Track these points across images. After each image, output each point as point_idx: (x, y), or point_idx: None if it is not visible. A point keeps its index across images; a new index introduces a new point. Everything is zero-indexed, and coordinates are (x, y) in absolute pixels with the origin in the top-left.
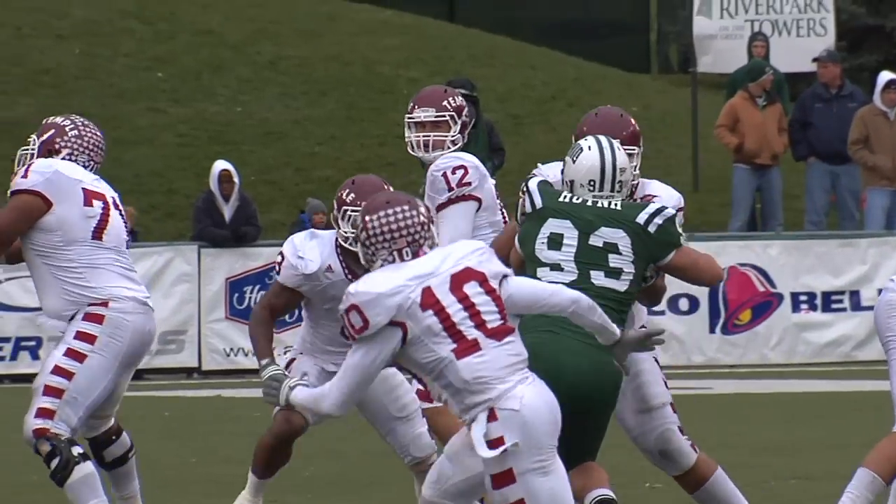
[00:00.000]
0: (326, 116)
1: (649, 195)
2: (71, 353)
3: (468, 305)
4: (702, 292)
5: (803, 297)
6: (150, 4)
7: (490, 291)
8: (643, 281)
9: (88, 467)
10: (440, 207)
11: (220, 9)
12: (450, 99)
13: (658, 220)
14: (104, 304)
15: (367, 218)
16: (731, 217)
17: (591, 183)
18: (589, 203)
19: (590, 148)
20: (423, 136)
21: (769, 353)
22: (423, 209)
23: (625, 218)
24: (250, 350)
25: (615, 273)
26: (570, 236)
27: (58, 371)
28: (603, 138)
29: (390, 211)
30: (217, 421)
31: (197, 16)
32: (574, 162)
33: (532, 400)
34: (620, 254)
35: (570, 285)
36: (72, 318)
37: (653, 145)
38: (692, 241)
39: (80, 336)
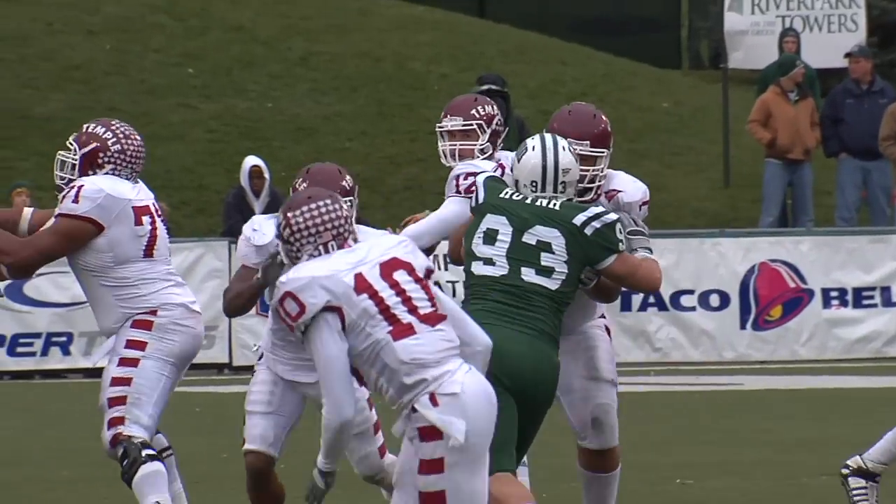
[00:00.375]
0: (357, 112)
1: (614, 190)
2: (124, 363)
3: (399, 291)
4: (733, 288)
5: (834, 293)
6: (181, 0)
7: (418, 280)
8: (579, 283)
9: (154, 466)
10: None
11: (251, 5)
12: (479, 107)
13: (596, 224)
14: (153, 312)
15: (289, 214)
16: (762, 213)
17: (534, 183)
18: (528, 201)
19: (534, 148)
20: (451, 146)
21: (800, 349)
22: (344, 203)
23: (561, 218)
24: None
25: (546, 271)
26: (505, 232)
27: (116, 382)
28: (549, 138)
29: (313, 206)
30: None
31: (228, 11)
32: (518, 161)
33: (472, 387)
34: (553, 253)
35: (501, 280)
36: (121, 325)
37: (684, 141)
38: (723, 237)
39: (130, 344)
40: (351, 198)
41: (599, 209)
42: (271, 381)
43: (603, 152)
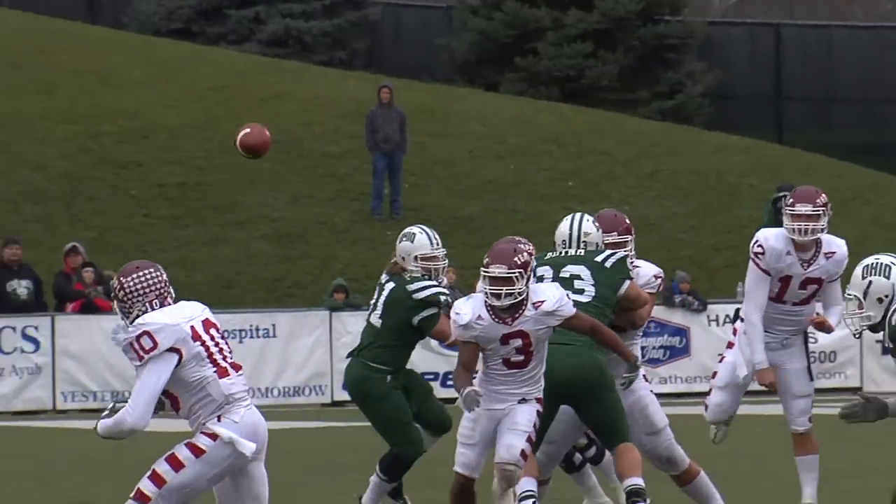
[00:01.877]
0: (689, 213)
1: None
2: None
3: (216, 343)
4: None
5: None
6: (564, 133)
7: (223, 337)
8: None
9: None
10: None
11: (612, 135)
12: (822, 196)
13: (612, 259)
14: None
15: (122, 279)
16: None
17: (564, 243)
18: (562, 254)
19: (565, 221)
20: (804, 225)
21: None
22: (162, 271)
23: (585, 259)
24: None
25: (580, 291)
26: (547, 276)
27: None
28: (577, 215)
29: (140, 273)
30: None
31: (596, 142)
32: (557, 232)
33: (247, 418)
34: (583, 279)
35: None
36: None
37: None
38: None
39: None
40: (522, 270)
41: (613, 251)
42: (473, 419)
43: (627, 237)
